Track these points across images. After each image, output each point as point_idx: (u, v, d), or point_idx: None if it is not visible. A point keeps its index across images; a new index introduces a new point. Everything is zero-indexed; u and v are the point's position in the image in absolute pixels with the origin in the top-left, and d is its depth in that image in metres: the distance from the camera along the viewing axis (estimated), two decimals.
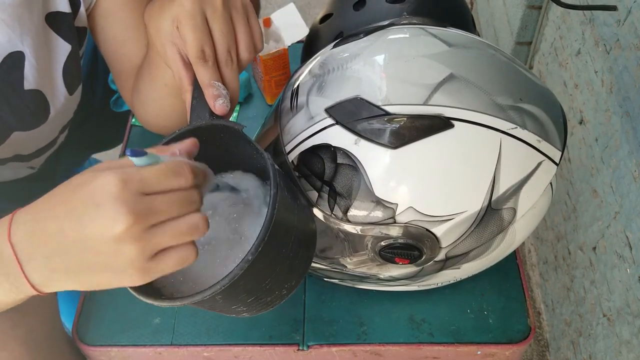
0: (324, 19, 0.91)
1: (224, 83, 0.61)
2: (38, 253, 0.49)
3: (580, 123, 1.21)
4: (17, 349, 0.73)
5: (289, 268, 0.58)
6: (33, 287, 0.50)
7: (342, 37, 0.71)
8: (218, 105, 0.60)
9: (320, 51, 0.72)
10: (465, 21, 0.89)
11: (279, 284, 0.58)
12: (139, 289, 0.53)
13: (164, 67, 0.73)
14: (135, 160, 0.47)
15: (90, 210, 0.46)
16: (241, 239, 0.60)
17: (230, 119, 0.63)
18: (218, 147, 0.60)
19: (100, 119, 1.13)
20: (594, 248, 1.15)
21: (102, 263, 0.47)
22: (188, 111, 0.62)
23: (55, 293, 0.81)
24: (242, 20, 0.62)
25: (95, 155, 1.28)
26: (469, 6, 1.59)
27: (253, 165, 0.62)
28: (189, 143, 0.52)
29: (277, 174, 0.54)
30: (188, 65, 0.62)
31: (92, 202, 0.46)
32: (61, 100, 0.80)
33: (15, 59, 0.72)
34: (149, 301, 0.53)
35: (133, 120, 1.01)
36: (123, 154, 0.97)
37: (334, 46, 0.70)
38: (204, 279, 0.58)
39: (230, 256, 0.59)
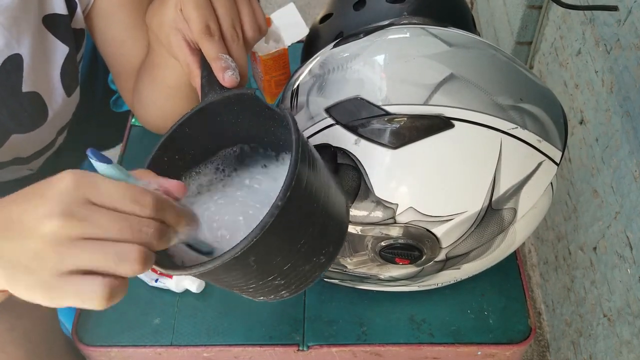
0: (324, 19, 0.91)
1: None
2: None
3: (581, 123, 1.21)
4: (14, 352, 0.73)
5: (322, 230, 0.53)
6: None
7: (342, 37, 0.71)
8: (227, 77, 0.58)
9: (320, 51, 0.72)
10: (465, 21, 0.89)
11: (314, 248, 0.53)
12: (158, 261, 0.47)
13: (165, 68, 0.73)
14: (97, 164, 0.44)
15: (35, 200, 0.43)
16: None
17: None
18: (233, 124, 0.58)
19: (100, 119, 1.13)
20: (595, 248, 1.15)
21: (24, 261, 0.43)
22: (199, 94, 0.61)
23: None
24: (244, 1, 0.62)
25: None
26: (469, 6, 1.59)
27: (271, 139, 0.59)
28: (173, 183, 0.48)
29: (297, 123, 0.51)
30: (194, 49, 0.62)
31: (40, 192, 0.43)
32: (59, 103, 0.80)
33: (14, 62, 0.72)
34: (168, 271, 0.48)
35: (133, 120, 1.01)
36: (122, 154, 0.97)
37: (334, 46, 0.70)
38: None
39: None
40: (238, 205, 0.56)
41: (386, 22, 0.70)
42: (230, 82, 0.58)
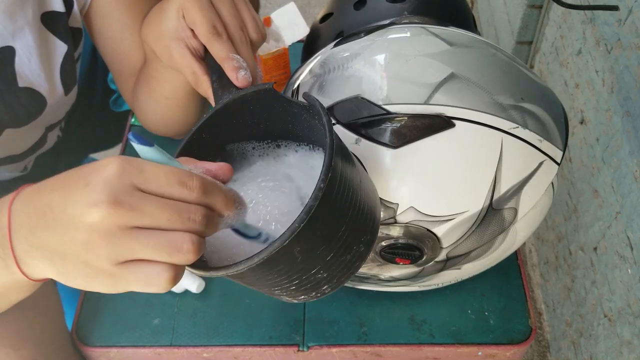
0: (324, 18, 0.91)
1: None
2: (25, 224, 0.45)
3: (581, 123, 1.21)
4: (32, 349, 0.72)
5: (361, 215, 0.51)
6: (16, 262, 0.46)
7: (343, 37, 0.71)
8: (240, 77, 0.57)
9: (321, 50, 0.72)
10: (466, 20, 0.89)
11: (354, 235, 0.51)
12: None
13: (162, 81, 0.73)
14: (140, 148, 0.42)
15: (78, 188, 0.42)
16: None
17: None
18: (250, 124, 0.57)
19: (100, 119, 1.13)
20: (595, 248, 1.15)
21: (74, 251, 0.43)
22: (211, 99, 0.59)
23: (58, 293, 0.81)
24: (244, 5, 0.62)
25: (95, 155, 1.28)
26: (470, 5, 1.58)
27: (294, 133, 0.57)
28: (219, 165, 0.46)
29: (324, 108, 0.50)
30: (198, 56, 0.61)
31: (84, 180, 0.42)
32: (57, 99, 0.80)
33: (6, 54, 0.72)
34: (199, 273, 0.47)
35: (133, 119, 1.01)
36: (122, 154, 0.97)
37: (335, 45, 0.70)
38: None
39: None
40: (277, 194, 0.55)
41: (387, 22, 0.70)
42: (243, 82, 0.57)
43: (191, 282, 0.80)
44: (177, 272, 0.43)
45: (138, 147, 0.42)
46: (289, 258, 0.46)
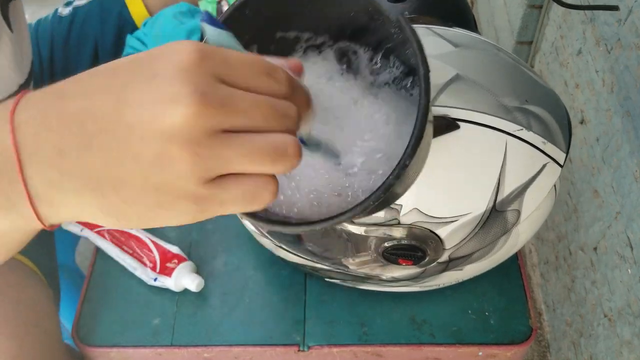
0: None
1: None
2: (48, 143, 0.32)
3: (581, 123, 1.21)
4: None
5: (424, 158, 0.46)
6: (30, 199, 0.33)
7: None
8: None
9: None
10: (466, 20, 0.89)
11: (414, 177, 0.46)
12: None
13: None
14: (212, 31, 0.33)
15: (139, 82, 0.31)
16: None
17: None
18: (316, 16, 0.46)
19: None
20: (595, 248, 1.15)
21: (139, 174, 0.31)
22: None
23: (56, 312, 0.80)
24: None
25: None
26: (470, 5, 1.58)
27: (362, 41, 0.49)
28: (291, 61, 0.36)
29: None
30: None
31: (146, 71, 0.31)
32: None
33: None
34: (268, 227, 0.40)
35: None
36: None
37: None
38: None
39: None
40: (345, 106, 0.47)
41: None
42: None
43: (190, 281, 0.80)
44: (276, 181, 0.34)
45: (211, 31, 0.33)
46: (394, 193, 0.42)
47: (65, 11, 1.08)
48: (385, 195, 0.39)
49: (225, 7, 1.26)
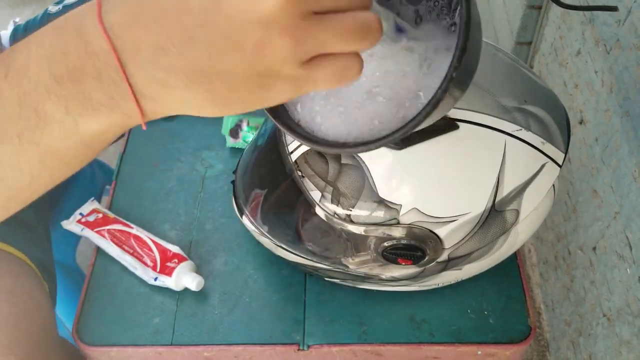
0: None
1: None
2: (147, 42, 0.33)
3: (581, 123, 1.21)
4: (21, 356, 0.72)
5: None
6: (135, 98, 0.35)
7: None
8: None
9: None
10: None
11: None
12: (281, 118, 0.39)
13: None
14: None
15: None
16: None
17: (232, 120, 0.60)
18: None
19: None
20: (594, 248, 1.15)
21: (237, 63, 0.33)
22: None
23: (52, 306, 0.80)
24: None
25: None
26: None
27: None
28: None
29: None
30: None
31: None
32: None
33: None
34: (327, 150, 0.41)
35: None
36: (123, 153, 0.97)
37: None
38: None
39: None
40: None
41: None
42: None
43: (191, 281, 0.80)
44: (360, 57, 0.36)
45: None
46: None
47: (54, 9, 1.08)
48: (456, 75, 0.40)
49: None
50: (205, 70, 0.33)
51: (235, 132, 0.97)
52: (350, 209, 0.63)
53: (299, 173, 0.65)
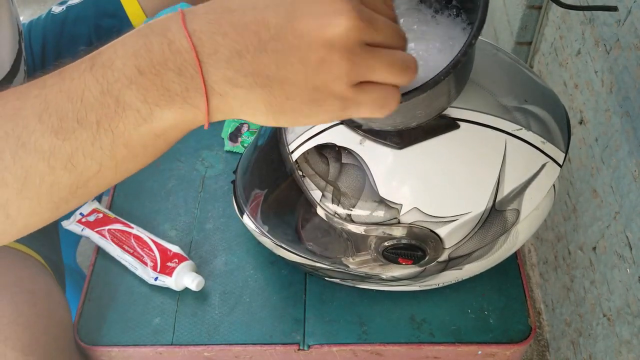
0: None
1: None
2: (225, 46, 0.39)
3: (580, 123, 1.21)
4: (41, 356, 0.72)
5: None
6: (205, 91, 0.40)
7: None
8: None
9: None
10: None
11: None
12: None
13: None
14: None
15: (305, 1, 0.38)
16: None
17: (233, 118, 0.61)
18: None
19: None
20: (594, 248, 1.15)
21: (304, 74, 0.38)
22: None
23: (68, 305, 0.80)
24: None
25: None
26: None
27: None
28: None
29: None
30: None
31: None
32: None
33: None
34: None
35: None
36: None
37: None
38: None
39: None
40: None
41: None
42: None
43: (191, 280, 0.80)
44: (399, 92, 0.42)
45: None
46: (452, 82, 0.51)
47: (58, 9, 1.09)
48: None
49: None
50: (270, 75, 0.39)
51: (234, 135, 0.97)
52: (351, 208, 0.63)
53: (300, 173, 0.65)
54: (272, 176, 0.72)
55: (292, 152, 0.65)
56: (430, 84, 0.45)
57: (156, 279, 0.80)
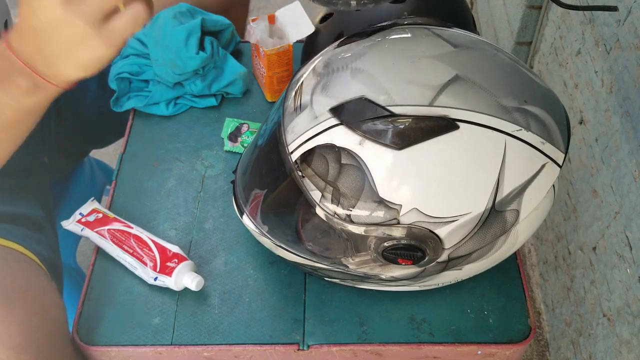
0: (324, 19, 0.91)
1: None
2: (27, 42, 0.54)
3: (580, 123, 1.21)
4: (34, 353, 0.72)
5: None
6: (30, 69, 0.55)
7: (346, 37, 0.71)
8: None
9: (324, 50, 0.72)
10: (465, 21, 0.89)
11: None
12: None
13: None
14: None
15: None
16: None
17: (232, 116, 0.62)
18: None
19: (98, 114, 1.12)
20: (594, 248, 1.15)
21: (66, 40, 0.52)
22: None
23: (63, 303, 0.80)
24: None
25: (96, 151, 1.28)
26: (469, 6, 1.58)
27: None
28: None
29: None
30: None
31: None
32: None
33: None
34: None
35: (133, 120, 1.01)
36: (123, 153, 0.97)
37: (338, 45, 0.70)
38: None
39: None
40: None
41: (389, 22, 0.70)
42: None
43: (190, 280, 0.80)
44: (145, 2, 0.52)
45: None
46: None
47: None
48: None
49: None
50: (56, 53, 0.54)
51: (234, 135, 0.97)
52: (351, 209, 0.63)
53: (299, 173, 0.65)
54: (272, 176, 0.72)
55: (292, 152, 0.65)
56: None
57: (156, 279, 0.80)
